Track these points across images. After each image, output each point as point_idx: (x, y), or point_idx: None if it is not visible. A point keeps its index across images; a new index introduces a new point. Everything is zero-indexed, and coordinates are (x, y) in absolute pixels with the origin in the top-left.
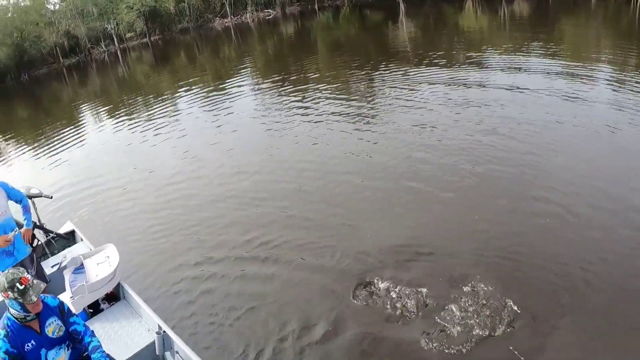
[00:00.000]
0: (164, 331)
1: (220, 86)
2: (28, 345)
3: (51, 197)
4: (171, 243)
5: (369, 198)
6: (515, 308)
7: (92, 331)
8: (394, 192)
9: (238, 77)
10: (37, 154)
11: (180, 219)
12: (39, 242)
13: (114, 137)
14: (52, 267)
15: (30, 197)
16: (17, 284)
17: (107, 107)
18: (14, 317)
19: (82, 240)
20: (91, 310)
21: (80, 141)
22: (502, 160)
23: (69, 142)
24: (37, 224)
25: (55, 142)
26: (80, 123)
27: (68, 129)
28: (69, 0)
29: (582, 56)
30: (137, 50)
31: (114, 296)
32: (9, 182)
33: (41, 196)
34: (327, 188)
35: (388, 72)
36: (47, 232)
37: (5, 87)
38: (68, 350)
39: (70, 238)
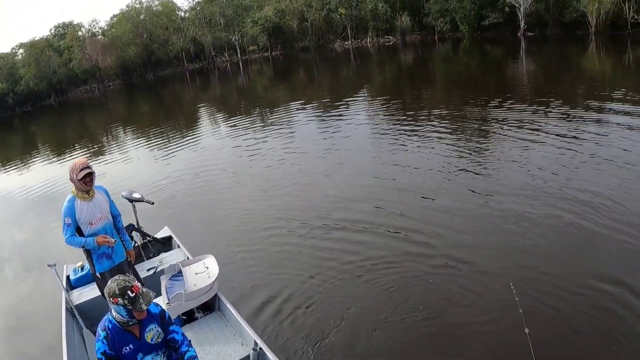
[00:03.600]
0: (261, 348)
1: (335, 105)
2: (126, 349)
3: (152, 203)
4: (270, 258)
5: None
6: None
7: (189, 341)
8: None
9: (353, 99)
10: (148, 152)
11: (282, 234)
12: (136, 245)
13: (224, 146)
14: (148, 270)
15: (132, 200)
16: (129, 292)
17: (223, 114)
18: (116, 320)
19: (178, 246)
20: (184, 318)
21: (192, 146)
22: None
23: (180, 146)
24: (136, 226)
25: (168, 144)
26: (195, 127)
27: (183, 132)
28: (198, 9)
29: None
30: (258, 63)
31: (209, 306)
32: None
33: (143, 201)
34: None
35: (503, 109)
36: (144, 235)
37: (131, 83)
38: (163, 357)
39: (166, 243)
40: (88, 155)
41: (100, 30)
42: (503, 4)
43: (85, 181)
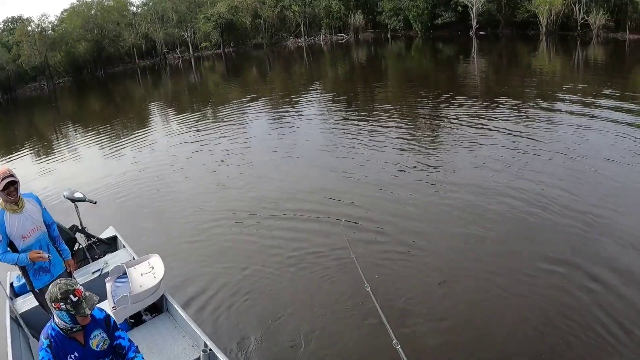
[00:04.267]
0: (211, 349)
1: (287, 101)
2: (70, 357)
3: (95, 203)
4: (218, 252)
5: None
6: None
7: (137, 347)
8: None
9: (305, 96)
10: (95, 150)
11: (231, 232)
12: (80, 247)
13: (172, 142)
14: (93, 273)
15: (74, 200)
16: (71, 296)
17: (174, 112)
18: (59, 327)
19: (124, 247)
20: (132, 321)
21: (139, 143)
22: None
23: (127, 143)
24: (79, 227)
25: (115, 142)
26: (144, 124)
27: (131, 129)
28: (150, 5)
29: None
30: (210, 60)
31: (157, 308)
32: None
33: (84, 200)
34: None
35: (454, 106)
36: (88, 236)
37: (81, 80)
38: None
39: (112, 244)
40: (34, 153)
41: (50, 26)
42: (456, 3)
43: (8, 191)
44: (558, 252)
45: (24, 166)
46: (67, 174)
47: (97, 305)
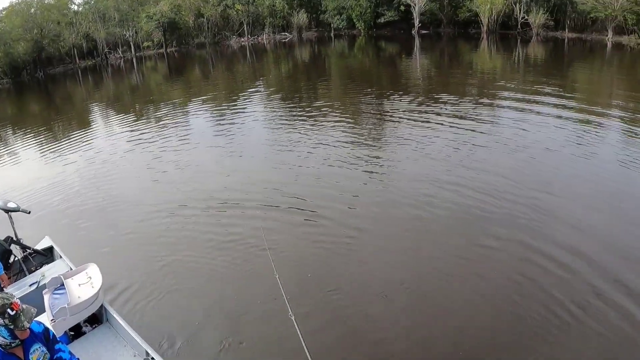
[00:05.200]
0: (152, 358)
1: (230, 99)
2: None
3: (29, 212)
4: (154, 255)
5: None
6: None
7: (78, 359)
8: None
9: (248, 94)
10: (29, 156)
11: (167, 229)
12: (16, 259)
13: (110, 144)
14: (30, 285)
15: (7, 210)
16: (9, 310)
17: (114, 112)
18: None
19: (60, 257)
20: (72, 333)
21: (77, 146)
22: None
23: (65, 146)
24: (14, 239)
25: (53, 145)
26: (83, 126)
27: (70, 131)
28: (92, 3)
29: (594, 102)
30: (153, 60)
31: (97, 318)
32: None
33: (18, 210)
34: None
35: (397, 104)
36: (24, 248)
37: (20, 82)
38: None
39: (48, 254)
40: None
41: None
42: (398, 2)
43: None
44: (501, 235)
45: None
46: (1, 180)
47: (35, 319)
